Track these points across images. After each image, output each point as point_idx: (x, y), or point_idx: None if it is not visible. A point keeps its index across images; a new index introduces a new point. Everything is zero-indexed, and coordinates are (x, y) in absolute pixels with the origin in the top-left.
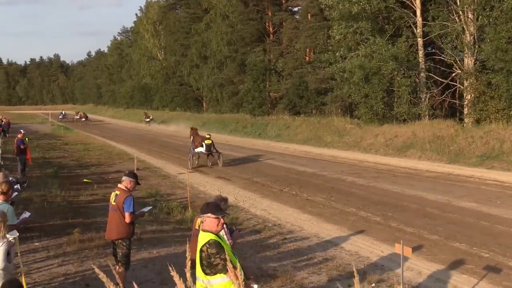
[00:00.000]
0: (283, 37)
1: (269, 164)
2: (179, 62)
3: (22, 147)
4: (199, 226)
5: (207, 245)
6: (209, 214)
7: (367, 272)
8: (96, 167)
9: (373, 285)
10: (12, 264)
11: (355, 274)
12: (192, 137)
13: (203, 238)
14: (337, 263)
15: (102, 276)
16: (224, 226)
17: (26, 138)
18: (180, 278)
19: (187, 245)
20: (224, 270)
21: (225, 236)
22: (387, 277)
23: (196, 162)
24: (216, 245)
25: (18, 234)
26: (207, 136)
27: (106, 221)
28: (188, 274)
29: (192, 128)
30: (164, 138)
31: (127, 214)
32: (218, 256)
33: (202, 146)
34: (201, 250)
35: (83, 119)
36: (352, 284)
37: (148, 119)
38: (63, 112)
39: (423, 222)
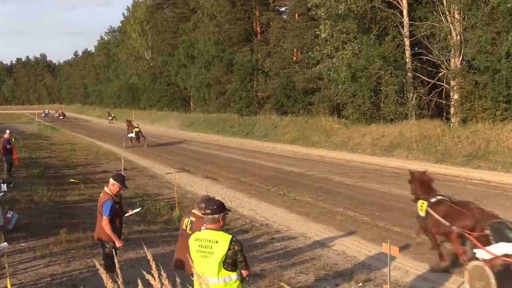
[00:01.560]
0: (270, 36)
1: (256, 164)
2: (167, 62)
3: (8, 147)
4: (186, 226)
5: (233, 243)
6: (224, 212)
7: (354, 271)
8: (83, 167)
9: (360, 284)
10: None
11: None
12: (127, 126)
13: (222, 237)
14: (324, 262)
15: (101, 271)
16: None
17: (13, 138)
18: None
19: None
20: (246, 266)
21: None
22: (374, 276)
23: (130, 143)
24: (240, 242)
25: (7, 245)
26: (135, 126)
27: (93, 222)
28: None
29: (127, 120)
30: (149, 138)
31: (104, 218)
32: (242, 252)
33: (132, 132)
34: (229, 248)
35: (61, 117)
36: (340, 283)
37: (110, 117)
38: (47, 110)
39: (410, 221)
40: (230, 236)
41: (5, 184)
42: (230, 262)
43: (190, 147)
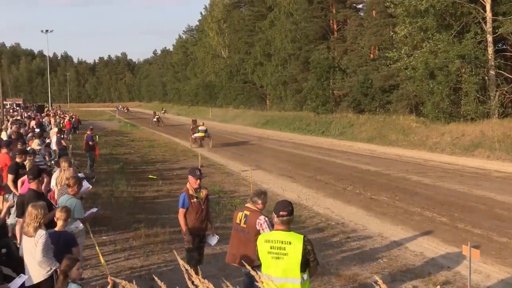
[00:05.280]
0: (347, 34)
1: (332, 162)
2: (243, 60)
3: (91, 143)
4: (240, 221)
5: (306, 243)
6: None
7: (432, 273)
8: (161, 164)
9: (439, 287)
10: (81, 256)
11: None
12: (153, 114)
13: (295, 237)
14: (401, 263)
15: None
16: (267, 219)
17: (96, 135)
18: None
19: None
20: (318, 265)
21: (267, 230)
22: (453, 279)
23: (155, 124)
24: (311, 241)
25: (82, 226)
26: (157, 115)
27: (170, 217)
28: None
29: (153, 111)
30: (226, 135)
31: (179, 210)
32: (313, 251)
33: (155, 118)
34: (303, 248)
35: (126, 110)
36: (417, 285)
37: (162, 111)
38: (120, 106)
39: (491, 223)
40: (302, 236)
41: (89, 179)
42: (303, 262)
43: (266, 145)
